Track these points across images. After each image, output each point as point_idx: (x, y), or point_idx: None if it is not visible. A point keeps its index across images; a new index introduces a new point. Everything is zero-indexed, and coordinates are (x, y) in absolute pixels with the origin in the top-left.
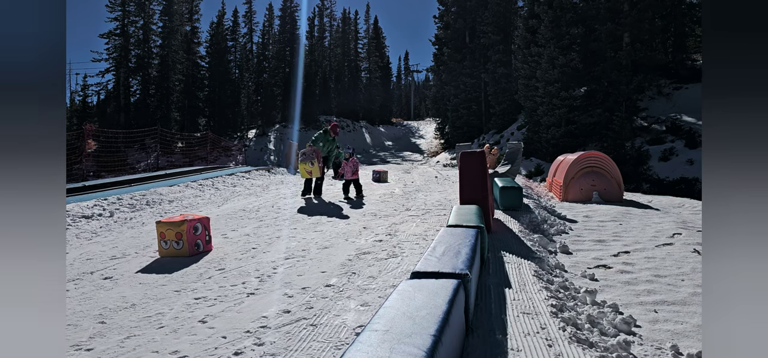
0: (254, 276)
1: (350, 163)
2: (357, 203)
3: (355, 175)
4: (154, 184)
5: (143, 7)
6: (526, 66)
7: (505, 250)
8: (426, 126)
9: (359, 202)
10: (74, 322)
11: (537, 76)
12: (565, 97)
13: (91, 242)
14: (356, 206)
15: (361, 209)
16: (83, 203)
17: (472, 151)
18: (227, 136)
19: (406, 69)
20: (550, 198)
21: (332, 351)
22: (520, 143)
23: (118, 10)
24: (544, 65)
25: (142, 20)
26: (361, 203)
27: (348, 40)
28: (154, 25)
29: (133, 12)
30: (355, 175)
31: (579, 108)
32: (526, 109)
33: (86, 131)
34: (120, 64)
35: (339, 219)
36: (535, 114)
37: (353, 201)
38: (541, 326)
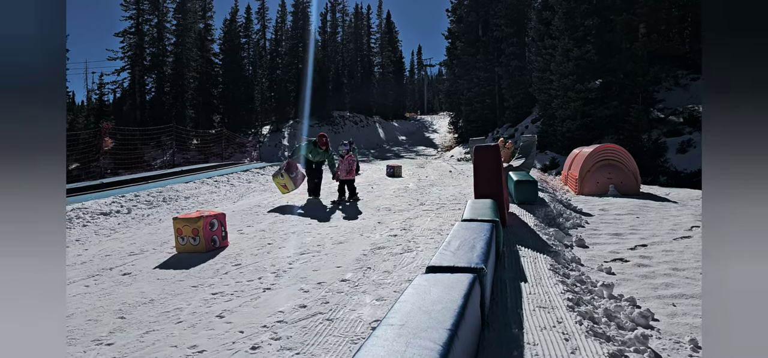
0: (270, 271)
1: (345, 161)
2: (367, 200)
3: (349, 176)
4: (171, 181)
5: (157, 6)
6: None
7: (520, 244)
8: (439, 120)
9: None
10: (94, 317)
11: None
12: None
13: (109, 238)
14: (368, 202)
15: (374, 204)
16: (101, 200)
17: (486, 145)
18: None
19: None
20: (565, 192)
21: (348, 346)
22: (535, 136)
23: (133, 9)
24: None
25: (156, 18)
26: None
27: (361, 36)
28: (168, 23)
29: (148, 10)
30: (350, 175)
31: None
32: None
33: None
34: (135, 62)
35: (353, 214)
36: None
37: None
38: (558, 320)
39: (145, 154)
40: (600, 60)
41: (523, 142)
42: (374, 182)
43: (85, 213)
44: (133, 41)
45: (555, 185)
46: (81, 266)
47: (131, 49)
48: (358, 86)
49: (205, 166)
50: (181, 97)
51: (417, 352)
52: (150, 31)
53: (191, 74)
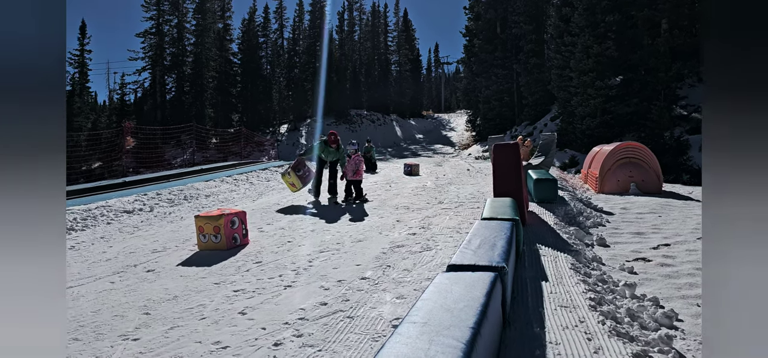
0: (291, 269)
1: (352, 161)
2: (385, 199)
3: (356, 176)
4: (191, 179)
5: (177, 6)
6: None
7: (540, 243)
8: (457, 118)
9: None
10: (120, 313)
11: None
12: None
13: (133, 236)
14: (386, 200)
15: (393, 202)
16: (124, 199)
17: (505, 143)
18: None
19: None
20: (585, 190)
21: (370, 343)
22: (554, 134)
23: (154, 10)
24: (578, 55)
25: (176, 19)
26: (388, 200)
27: (377, 34)
28: (188, 24)
29: (168, 11)
30: (357, 175)
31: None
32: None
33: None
34: (156, 62)
35: (372, 213)
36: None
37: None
38: (580, 320)
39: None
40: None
41: (543, 141)
42: (392, 181)
43: (108, 211)
44: (153, 41)
45: (575, 183)
46: (106, 263)
47: (152, 50)
48: (375, 85)
49: (224, 165)
50: (200, 96)
51: (440, 350)
52: (170, 32)
53: (210, 74)
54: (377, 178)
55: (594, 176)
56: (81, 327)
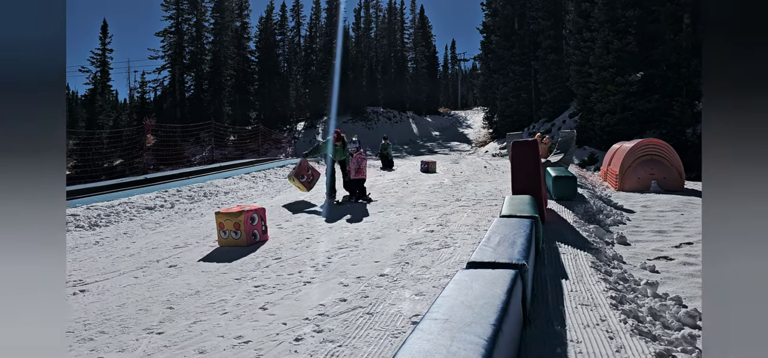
0: (310, 265)
1: (354, 160)
2: (402, 196)
3: (358, 175)
4: (210, 176)
5: (196, 5)
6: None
7: (559, 240)
8: (473, 115)
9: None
10: (144, 307)
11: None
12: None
13: (155, 232)
14: (404, 198)
15: (410, 200)
16: (146, 195)
17: (524, 140)
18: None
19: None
20: (605, 188)
21: (389, 339)
22: (574, 131)
23: (173, 9)
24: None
25: (194, 18)
26: (405, 197)
27: (394, 31)
28: (207, 22)
29: (187, 10)
30: (359, 174)
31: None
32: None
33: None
34: (175, 61)
35: (389, 210)
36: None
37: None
38: (601, 318)
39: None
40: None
41: (562, 137)
42: (409, 178)
43: (131, 207)
44: (173, 40)
45: (594, 180)
46: (130, 258)
47: (171, 48)
48: (392, 82)
49: (242, 162)
50: (218, 94)
51: (462, 346)
52: (189, 31)
53: (228, 72)
54: (394, 175)
55: (614, 174)
56: (107, 320)
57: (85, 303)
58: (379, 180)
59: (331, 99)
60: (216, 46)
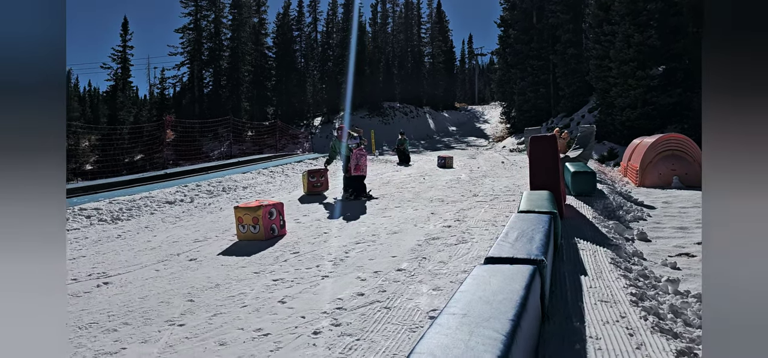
0: (327, 260)
1: (353, 156)
2: (419, 191)
3: (357, 172)
4: (229, 171)
5: (214, 2)
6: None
7: (578, 236)
8: (491, 110)
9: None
10: (166, 299)
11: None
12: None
13: (175, 226)
14: (421, 193)
15: (427, 195)
16: (166, 190)
17: (543, 135)
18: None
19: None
20: (624, 183)
21: (407, 334)
22: (593, 126)
23: (192, 6)
24: (618, 44)
25: (213, 14)
26: (422, 192)
27: (411, 26)
28: (225, 19)
29: (205, 7)
30: (358, 170)
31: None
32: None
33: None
34: (194, 57)
35: (406, 205)
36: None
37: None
38: (621, 315)
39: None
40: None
41: (581, 132)
42: (426, 173)
43: (152, 201)
44: (191, 37)
45: (613, 176)
46: (151, 252)
47: (190, 45)
48: (408, 77)
49: (260, 157)
50: (236, 90)
51: (480, 341)
52: (207, 27)
53: (246, 67)
54: (411, 170)
55: (634, 169)
56: (130, 312)
57: (109, 295)
58: (396, 175)
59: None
60: (234, 42)
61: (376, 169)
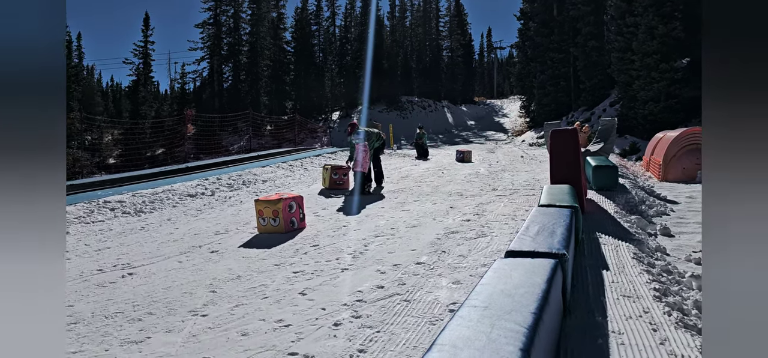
0: (347, 253)
1: (357, 153)
2: (438, 185)
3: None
4: (249, 165)
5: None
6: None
7: (600, 231)
8: (509, 104)
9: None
10: (189, 290)
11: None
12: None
13: (197, 218)
14: (439, 187)
15: (446, 189)
16: (187, 183)
17: (563, 129)
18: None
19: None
20: (647, 178)
21: (427, 326)
22: (615, 120)
23: (211, 1)
24: (642, 36)
25: (232, 9)
26: (441, 186)
27: (429, 19)
28: (244, 13)
29: (225, 1)
30: (356, 167)
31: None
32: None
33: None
34: (213, 52)
35: (425, 199)
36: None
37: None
38: (644, 310)
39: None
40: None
41: (602, 126)
42: (444, 167)
43: (173, 195)
44: (211, 32)
45: (635, 170)
46: (173, 244)
47: (210, 40)
48: (427, 71)
49: (279, 151)
50: (255, 84)
51: (503, 333)
52: (227, 22)
53: (265, 62)
54: (429, 164)
55: (657, 163)
56: (154, 303)
57: (133, 286)
58: (414, 169)
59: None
60: (253, 37)
61: (394, 163)
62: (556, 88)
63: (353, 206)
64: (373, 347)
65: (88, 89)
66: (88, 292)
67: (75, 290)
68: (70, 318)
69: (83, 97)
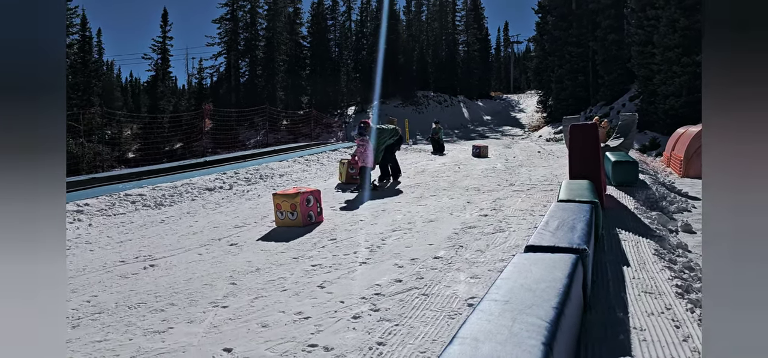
0: (364, 247)
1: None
2: (455, 180)
3: (364, 164)
4: (265, 159)
5: None
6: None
7: (620, 227)
8: (526, 99)
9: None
10: (210, 282)
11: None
12: (687, 64)
13: (215, 212)
14: (456, 182)
15: (462, 184)
16: (206, 177)
17: (582, 123)
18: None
19: (505, 40)
20: (668, 174)
21: (446, 320)
22: (635, 115)
23: None
24: (663, 29)
25: (249, 4)
26: (458, 181)
27: (445, 13)
28: (260, 9)
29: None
30: (364, 162)
31: None
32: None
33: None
34: (230, 47)
35: (442, 194)
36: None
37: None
38: (666, 307)
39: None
40: None
41: (622, 121)
42: (460, 162)
43: (192, 188)
44: (228, 27)
45: (656, 166)
46: (193, 236)
47: (227, 35)
48: (443, 65)
49: (296, 146)
50: (271, 79)
51: (524, 327)
52: (244, 17)
53: (281, 57)
54: (445, 159)
55: (678, 159)
56: (176, 294)
57: (155, 277)
58: (430, 165)
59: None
60: (269, 32)
61: (410, 158)
62: (574, 83)
63: (369, 200)
64: (392, 340)
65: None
66: (112, 282)
67: (99, 281)
68: (94, 308)
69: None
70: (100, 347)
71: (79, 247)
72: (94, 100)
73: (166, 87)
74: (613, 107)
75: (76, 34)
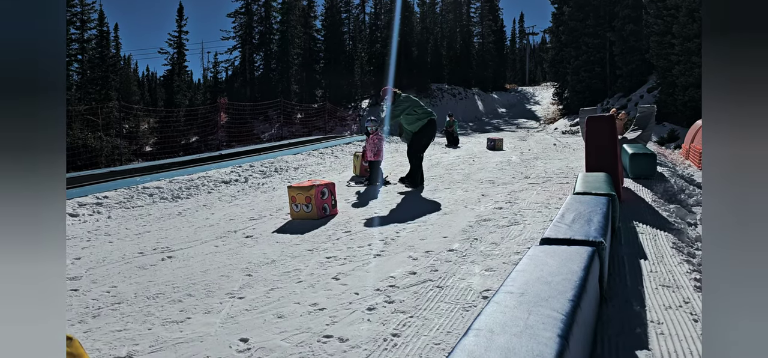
0: (379, 239)
1: (370, 141)
2: (469, 173)
3: (376, 157)
4: (280, 152)
5: None
6: (660, 21)
7: (637, 220)
8: (542, 91)
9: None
10: (226, 273)
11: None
12: None
13: (231, 204)
14: (471, 175)
15: (477, 177)
16: (222, 170)
17: (600, 115)
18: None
19: (520, 32)
20: (687, 166)
21: (460, 313)
22: (654, 106)
23: None
24: (682, 19)
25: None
26: (472, 174)
27: (460, 5)
28: (275, 2)
29: None
30: (378, 156)
31: None
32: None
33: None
34: (245, 41)
35: (456, 186)
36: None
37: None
38: (684, 301)
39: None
40: None
41: (640, 113)
42: (475, 155)
43: (208, 181)
44: (243, 21)
45: (674, 159)
46: (210, 228)
47: (242, 29)
48: (457, 58)
49: (310, 139)
50: (286, 73)
51: (540, 320)
52: (258, 11)
53: (295, 51)
54: (460, 152)
55: (697, 152)
56: (193, 285)
57: (173, 268)
58: (444, 157)
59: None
60: (283, 26)
61: None
62: (591, 75)
63: (384, 192)
64: (406, 332)
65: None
66: (130, 273)
67: (118, 272)
68: (113, 298)
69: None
70: (120, 336)
71: (99, 238)
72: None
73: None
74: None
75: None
